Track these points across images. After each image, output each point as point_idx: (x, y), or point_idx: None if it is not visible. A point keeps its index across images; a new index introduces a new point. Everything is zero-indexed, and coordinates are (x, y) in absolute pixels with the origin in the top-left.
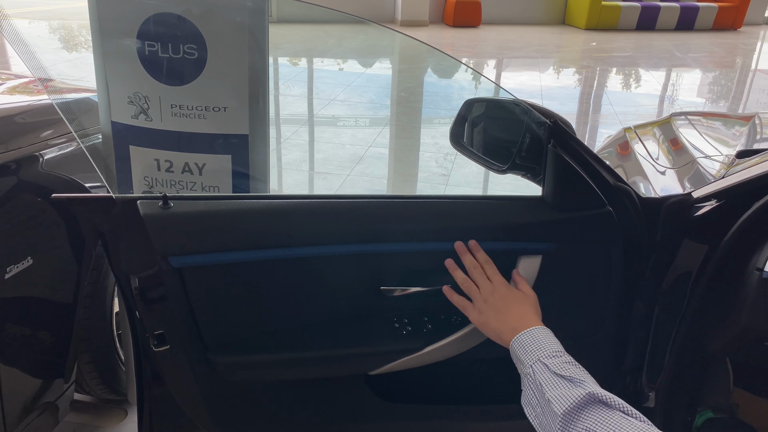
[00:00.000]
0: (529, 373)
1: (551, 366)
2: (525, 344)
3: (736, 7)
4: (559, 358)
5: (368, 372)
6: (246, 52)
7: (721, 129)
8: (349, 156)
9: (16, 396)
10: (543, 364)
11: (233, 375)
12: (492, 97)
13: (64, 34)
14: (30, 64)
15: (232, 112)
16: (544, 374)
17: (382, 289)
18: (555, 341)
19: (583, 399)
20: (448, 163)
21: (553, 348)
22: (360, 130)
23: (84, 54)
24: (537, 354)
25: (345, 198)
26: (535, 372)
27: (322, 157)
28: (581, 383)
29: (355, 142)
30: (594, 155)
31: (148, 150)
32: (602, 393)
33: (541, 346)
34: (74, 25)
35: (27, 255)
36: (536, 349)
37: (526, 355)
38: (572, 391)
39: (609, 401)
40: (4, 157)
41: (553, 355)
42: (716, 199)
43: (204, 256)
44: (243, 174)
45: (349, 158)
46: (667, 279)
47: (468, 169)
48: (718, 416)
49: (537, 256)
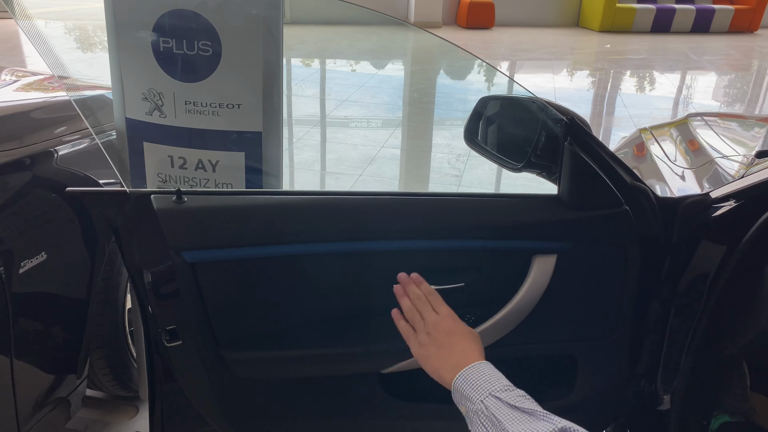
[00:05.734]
0: (480, 409)
1: (507, 399)
2: (471, 380)
3: (753, 9)
4: (513, 392)
5: (380, 370)
6: (260, 48)
7: (739, 130)
8: (361, 156)
9: (28, 391)
10: (496, 398)
11: (245, 371)
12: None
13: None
14: (48, 60)
15: (246, 109)
16: (501, 409)
17: (396, 288)
18: (502, 376)
19: None
20: (460, 164)
21: (502, 382)
22: (372, 131)
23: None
24: (487, 388)
25: (359, 195)
26: (488, 407)
27: (334, 158)
28: (546, 417)
29: (367, 142)
30: (611, 153)
31: (161, 146)
32: (573, 426)
33: (490, 380)
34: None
35: (41, 250)
36: (485, 383)
37: (474, 391)
38: (537, 425)
39: None
40: (18, 152)
41: (504, 389)
42: (735, 199)
43: (217, 251)
44: (256, 170)
45: (361, 159)
46: (683, 280)
47: (480, 170)
48: (734, 420)
49: (552, 255)
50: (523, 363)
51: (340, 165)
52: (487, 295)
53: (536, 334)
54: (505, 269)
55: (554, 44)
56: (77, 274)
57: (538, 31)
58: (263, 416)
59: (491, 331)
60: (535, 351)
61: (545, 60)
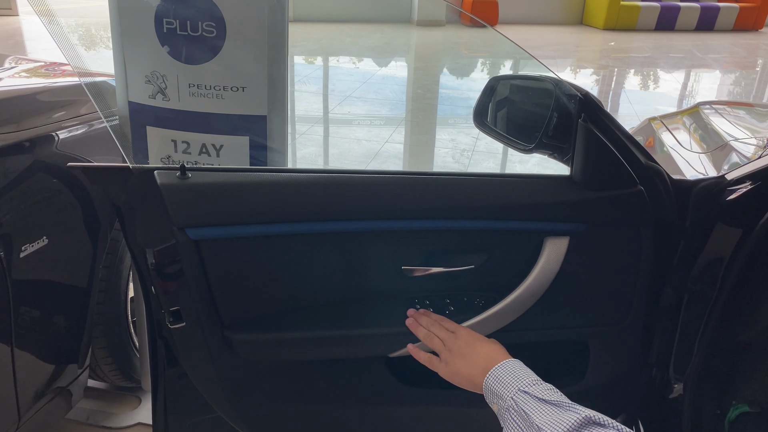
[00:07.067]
0: (511, 406)
1: (535, 393)
2: (501, 378)
3: (758, 7)
4: (541, 385)
5: (388, 354)
6: (266, 30)
7: (750, 118)
8: (364, 151)
9: (29, 380)
10: (525, 392)
11: (250, 353)
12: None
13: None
14: (67, 53)
15: (250, 93)
16: (529, 402)
17: (404, 269)
18: (530, 371)
19: (579, 422)
20: (465, 159)
21: (531, 377)
22: (376, 126)
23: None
24: (516, 384)
25: (367, 173)
26: (518, 403)
27: (337, 152)
28: (572, 407)
29: (371, 137)
30: (625, 131)
31: (165, 131)
32: (597, 415)
33: (519, 376)
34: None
35: (42, 235)
36: (514, 379)
37: (504, 389)
38: (564, 416)
39: (605, 422)
40: (17, 136)
41: (533, 384)
42: (751, 181)
43: (222, 228)
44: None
45: (364, 153)
46: (697, 265)
47: (486, 165)
48: (753, 410)
49: (564, 237)
50: (533, 349)
51: (344, 159)
52: (497, 279)
53: (547, 319)
54: (515, 252)
55: (558, 42)
56: (79, 261)
57: (542, 29)
58: (269, 400)
59: (501, 315)
60: (545, 336)
61: (549, 58)
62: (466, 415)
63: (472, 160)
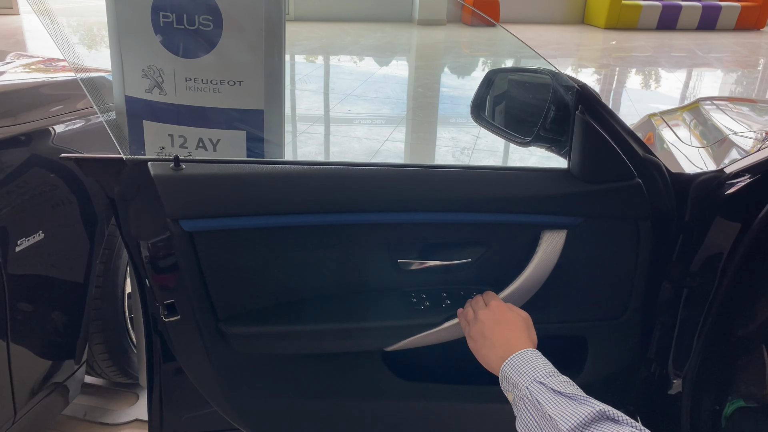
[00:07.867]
0: (525, 395)
1: (550, 384)
2: (518, 367)
3: (760, 6)
4: (557, 377)
5: (384, 348)
6: (262, 24)
7: (751, 114)
8: (365, 149)
9: (25, 375)
10: (540, 383)
11: (245, 347)
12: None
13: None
14: (63, 49)
15: (247, 87)
16: (543, 393)
17: (400, 262)
18: (548, 362)
19: (593, 416)
20: (465, 157)
21: (548, 368)
22: (376, 125)
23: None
24: (532, 374)
25: (365, 165)
26: (532, 393)
27: (338, 150)
28: (586, 401)
29: (371, 136)
30: (623, 124)
31: (161, 125)
32: (612, 411)
33: (536, 366)
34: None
35: (38, 229)
36: (531, 369)
37: (520, 378)
38: (578, 409)
39: (618, 418)
40: (13, 130)
41: (549, 375)
42: (750, 174)
43: (216, 220)
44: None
45: (365, 151)
46: (696, 259)
47: (486, 163)
48: (749, 405)
49: (562, 230)
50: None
51: (344, 157)
52: (494, 272)
53: (544, 313)
54: (513, 245)
55: (559, 41)
56: (76, 256)
57: (544, 29)
58: (264, 394)
59: None
60: (542, 331)
61: (550, 57)
62: (462, 410)
63: (472, 159)
